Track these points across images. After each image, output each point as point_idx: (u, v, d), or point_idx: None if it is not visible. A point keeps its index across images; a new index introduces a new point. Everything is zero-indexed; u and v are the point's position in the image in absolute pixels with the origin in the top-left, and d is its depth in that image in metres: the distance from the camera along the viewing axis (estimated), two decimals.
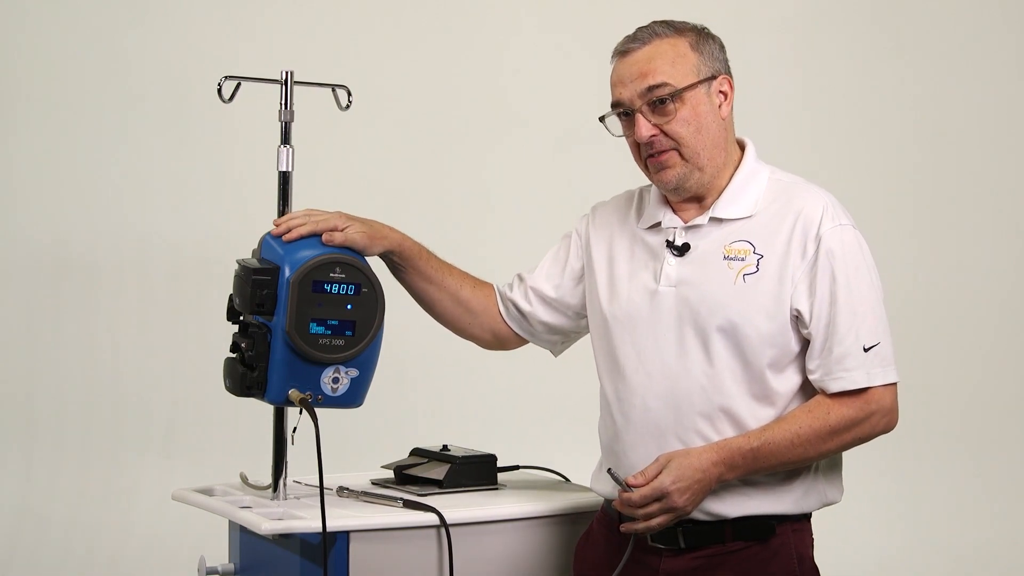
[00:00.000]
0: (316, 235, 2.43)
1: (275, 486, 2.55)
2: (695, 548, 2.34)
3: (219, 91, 2.60)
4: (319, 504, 2.30)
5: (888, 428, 2.33)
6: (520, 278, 2.70)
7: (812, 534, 2.41)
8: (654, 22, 2.40)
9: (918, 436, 4.78)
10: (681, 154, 2.36)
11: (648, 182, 2.51)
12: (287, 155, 2.58)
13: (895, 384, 2.32)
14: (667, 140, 2.35)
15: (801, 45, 5.08)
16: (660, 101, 2.34)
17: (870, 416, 2.30)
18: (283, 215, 2.56)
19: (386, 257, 2.58)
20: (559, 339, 2.68)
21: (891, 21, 5.13)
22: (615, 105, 2.40)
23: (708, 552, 2.34)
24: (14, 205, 4.82)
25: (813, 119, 5.07)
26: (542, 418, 4.78)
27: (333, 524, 2.32)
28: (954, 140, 5.12)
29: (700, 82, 2.36)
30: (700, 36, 2.40)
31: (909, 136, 5.12)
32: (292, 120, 2.60)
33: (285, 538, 2.41)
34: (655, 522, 2.29)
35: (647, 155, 2.38)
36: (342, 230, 2.46)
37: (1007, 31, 5.15)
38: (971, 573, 4.78)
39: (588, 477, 2.72)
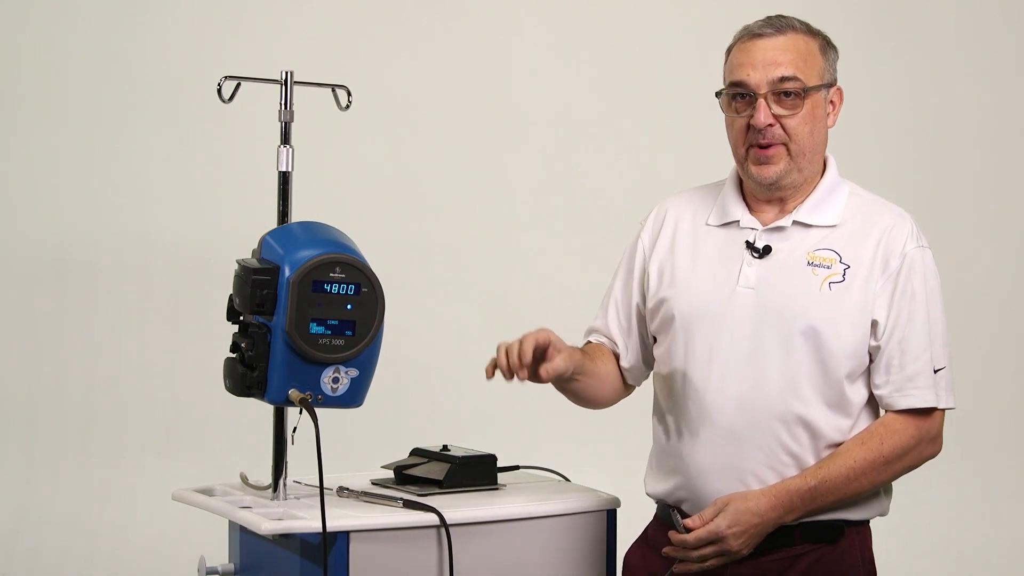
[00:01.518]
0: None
1: (275, 486, 2.55)
2: (763, 554, 2.34)
3: (219, 91, 2.60)
4: (319, 504, 2.30)
5: (933, 455, 2.39)
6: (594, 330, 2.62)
7: (871, 535, 2.43)
8: (787, 16, 2.41)
9: None
10: (789, 150, 2.36)
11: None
12: (287, 155, 2.58)
13: (944, 412, 2.37)
14: (781, 133, 2.36)
15: None
16: (786, 94, 2.35)
17: (919, 443, 2.34)
18: (283, 215, 2.56)
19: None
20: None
21: (890, 21, 5.13)
22: (736, 84, 2.38)
23: (775, 556, 2.34)
24: (14, 205, 4.81)
25: None
26: (542, 418, 4.78)
27: (333, 524, 2.32)
28: (954, 140, 5.12)
29: (823, 86, 2.39)
30: (827, 44, 2.43)
31: (908, 136, 5.11)
32: (292, 120, 2.60)
33: (285, 538, 2.41)
34: (708, 564, 2.31)
35: (752, 144, 2.37)
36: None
37: (1007, 31, 5.15)
38: (971, 573, 4.78)
39: (588, 477, 2.72)
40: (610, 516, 2.59)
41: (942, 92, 5.12)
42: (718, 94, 2.42)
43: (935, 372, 2.33)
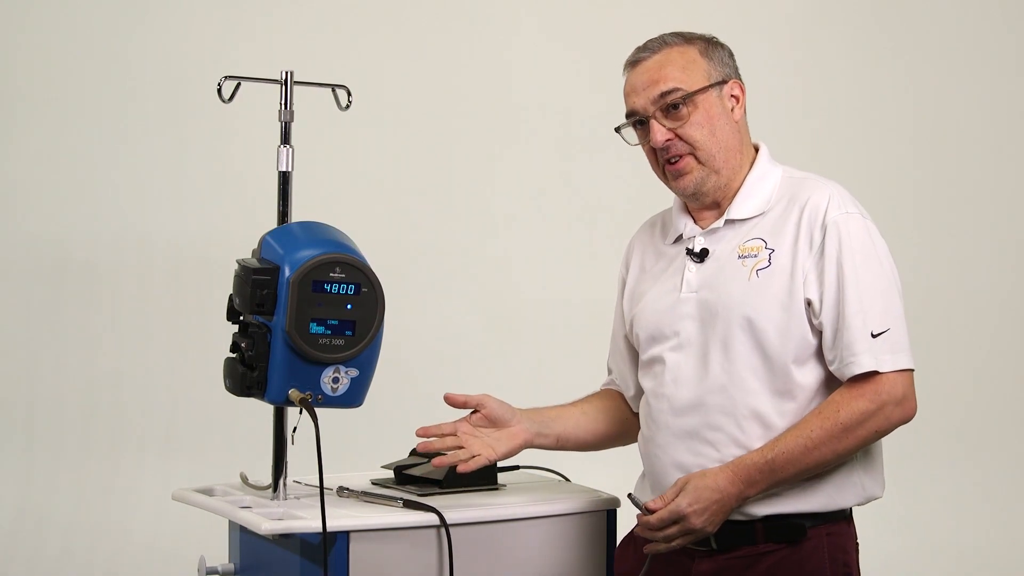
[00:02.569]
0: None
1: (275, 486, 2.55)
2: (727, 550, 2.35)
3: (219, 91, 2.60)
4: (319, 504, 2.30)
5: (905, 418, 2.30)
6: (609, 369, 2.71)
7: (854, 537, 2.40)
8: (663, 33, 2.45)
9: (917, 435, 4.77)
10: (697, 158, 2.39)
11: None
12: (287, 155, 2.58)
13: (909, 372, 2.30)
14: (682, 144, 2.38)
15: (801, 46, 5.08)
16: (673, 106, 2.38)
17: (882, 407, 2.27)
18: (283, 215, 2.56)
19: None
20: None
21: (891, 21, 5.13)
22: (630, 115, 2.44)
23: (739, 554, 2.35)
24: (14, 205, 4.82)
25: (812, 119, 5.07)
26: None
27: (333, 524, 2.32)
28: (954, 140, 5.12)
29: (711, 86, 2.39)
30: (709, 44, 2.44)
31: (908, 136, 5.12)
32: (292, 120, 2.60)
33: (285, 538, 2.41)
34: (675, 544, 2.31)
35: (664, 161, 2.41)
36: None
37: (1007, 31, 5.15)
38: (971, 573, 4.78)
39: (588, 477, 2.72)
40: (610, 516, 2.59)
41: (942, 92, 5.12)
42: (617, 130, 2.48)
43: (873, 336, 2.28)
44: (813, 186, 2.38)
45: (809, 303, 2.31)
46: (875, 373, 2.27)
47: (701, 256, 2.41)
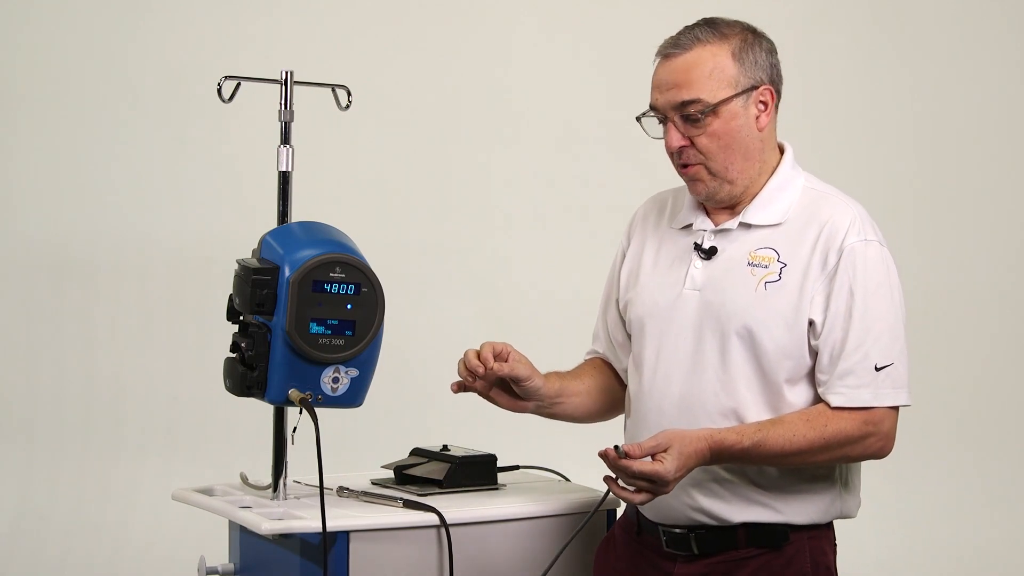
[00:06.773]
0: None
1: (275, 486, 2.55)
2: (708, 555, 2.34)
3: (219, 91, 2.60)
4: (319, 504, 2.30)
5: (881, 453, 2.29)
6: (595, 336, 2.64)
7: (833, 541, 2.39)
8: (700, 25, 2.34)
9: (918, 436, 4.78)
10: (708, 168, 2.33)
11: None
12: (287, 155, 2.58)
13: (898, 409, 2.28)
14: (696, 154, 2.32)
15: (801, 45, 5.08)
16: (692, 116, 2.30)
17: (866, 437, 2.26)
18: (283, 215, 2.56)
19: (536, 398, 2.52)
20: None
21: (891, 21, 5.13)
22: (652, 109, 2.36)
23: (721, 558, 2.33)
24: (14, 205, 4.82)
25: (813, 119, 5.06)
26: (542, 418, 4.78)
27: (333, 524, 2.32)
28: (954, 140, 5.12)
29: (736, 96, 2.31)
30: (745, 42, 2.34)
31: (909, 136, 5.11)
32: (292, 120, 2.60)
33: (285, 538, 2.42)
34: (638, 497, 2.24)
35: (679, 164, 2.36)
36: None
37: (1007, 31, 5.15)
38: (971, 573, 4.78)
39: (588, 477, 2.72)
40: (610, 516, 2.59)
41: (942, 92, 5.12)
42: (638, 118, 2.39)
43: (877, 370, 2.25)
44: (836, 205, 2.32)
45: (811, 323, 2.28)
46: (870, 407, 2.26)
47: (709, 254, 2.36)
